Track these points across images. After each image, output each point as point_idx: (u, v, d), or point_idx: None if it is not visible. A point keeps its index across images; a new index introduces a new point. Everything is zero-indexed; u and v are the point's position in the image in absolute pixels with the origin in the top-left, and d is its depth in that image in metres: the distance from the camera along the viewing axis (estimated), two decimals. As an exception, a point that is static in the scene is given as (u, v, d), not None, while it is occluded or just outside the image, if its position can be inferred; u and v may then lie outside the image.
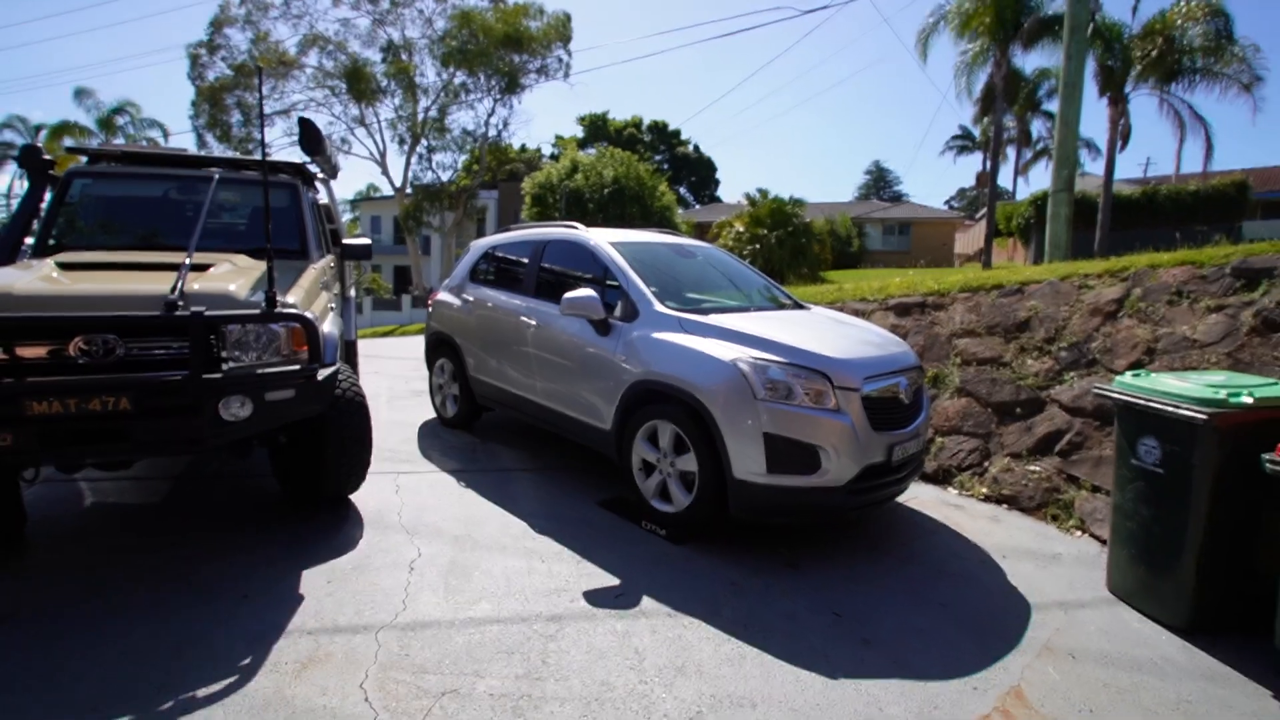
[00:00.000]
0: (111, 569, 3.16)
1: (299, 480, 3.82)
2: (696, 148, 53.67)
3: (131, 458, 3.34)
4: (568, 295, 4.00)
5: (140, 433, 2.86)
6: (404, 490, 4.25)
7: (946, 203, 56.60)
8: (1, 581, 3.05)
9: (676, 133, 52.13)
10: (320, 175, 5.33)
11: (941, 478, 4.65)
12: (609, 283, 4.22)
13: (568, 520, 3.85)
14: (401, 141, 28.39)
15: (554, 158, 34.97)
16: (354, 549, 3.42)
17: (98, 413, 2.76)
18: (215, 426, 2.95)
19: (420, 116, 28.13)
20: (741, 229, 18.96)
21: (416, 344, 13.14)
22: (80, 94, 28.57)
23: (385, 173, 29.39)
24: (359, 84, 26.40)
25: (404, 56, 27.57)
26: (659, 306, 3.89)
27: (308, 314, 3.22)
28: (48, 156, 4.19)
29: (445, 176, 28.93)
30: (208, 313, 2.92)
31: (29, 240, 4.06)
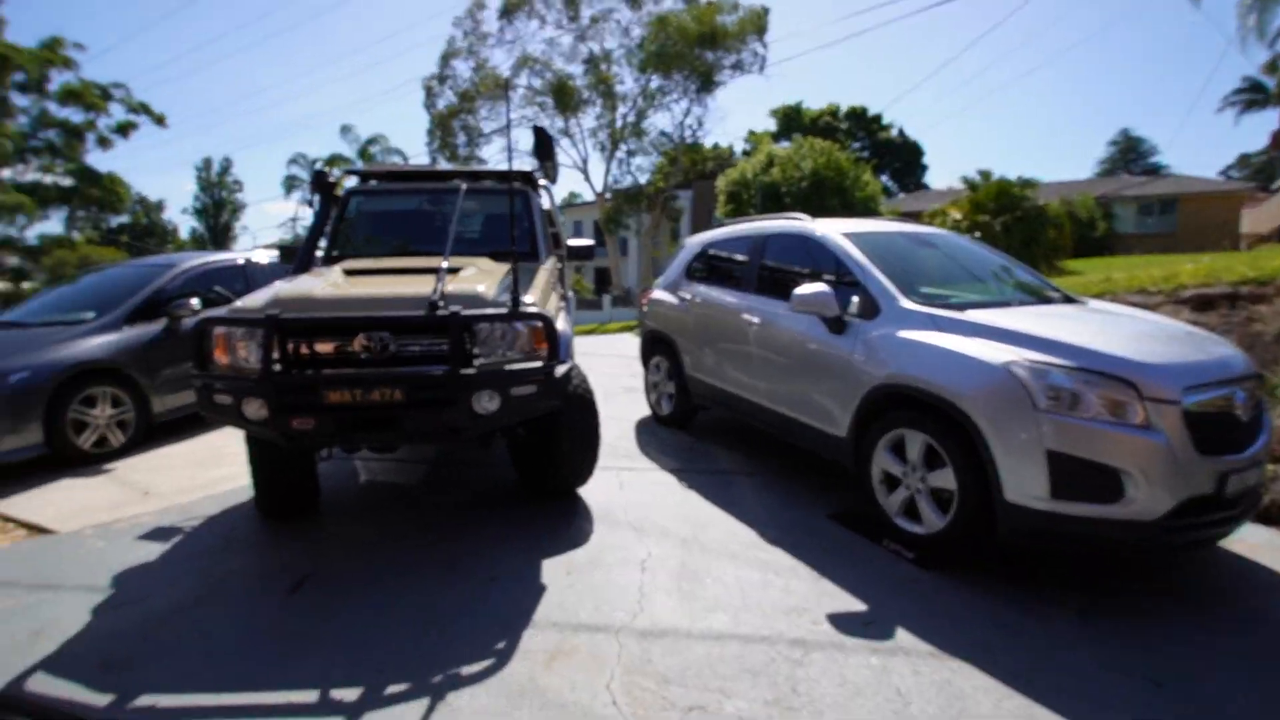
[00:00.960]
0: (382, 541, 3.54)
1: (534, 472, 4.01)
2: (901, 132, 49.95)
3: (401, 443, 3.71)
4: (798, 291, 3.75)
5: (409, 421, 3.14)
6: (627, 487, 4.30)
7: (1223, 173, 46.66)
8: (302, 545, 3.54)
9: (877, 118, 48.95)
10: (543, 181, 5.61)
11: (1277, 516, 3.67)
12: (842, 277, 3.90)
13: (797, 531, 3.61)
14: (602, 148, 29.89)
15: (746, 153, 34.57)
16: (587, 542, 3.48)
17: (376, 403, 3.07)
18: (469, 418, 3.14)
19: (619, 123, 29.43)
20: (959, 216, 17.15)
21: (620, 341, 13.73)
22: (344, 130, 33.94)
23: (587, 179, 31.20)
24: (564, 97, 28.21)
25: (603, 67, 29.02)
26: (905, 302, 3.49)
27: (547, 313, 3.33)
28: (332, 179, 4.86)
29: (643, 179, 29.90)
30: (463, 312, 3.12)
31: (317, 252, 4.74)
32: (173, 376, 5.55)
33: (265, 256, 6.90)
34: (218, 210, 43.77)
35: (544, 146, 4.09)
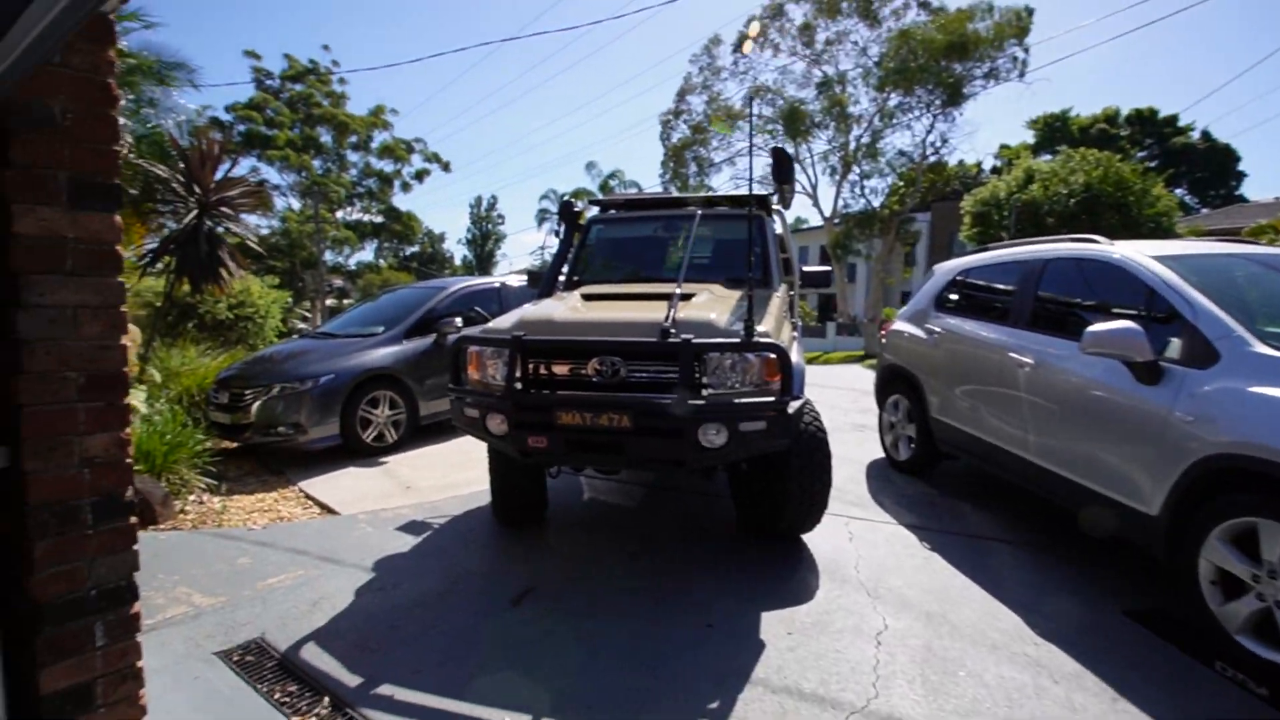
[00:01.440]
0: (599, 563, 3.53)
1: (755, 511, 3.76)
2: (1206, 135, 41.26)
3: (624, 468, 3.71)
4: (1095, 329, 3.05)
5: (634, 448, 3.09)
6: (858, 539, 3.85)
7: None
8: (527, 555, 3.67)
9: (1171, 119, 41.00)
10: (775, 205, 5.39)
11: None
12: (1155, 313, 3.10)
13: (1080, 626, 2.89)
14: (832, 172, 28.94)
15: (996, 170, 31.08)
16: (812, 599, 3.13)
17: (604, 427, 3.06)
18: (694, 451, 3.00)
19: (851, 145, 28.27)
20: (1303, 234, 13.41)
21: (846, 373, 12.94)
22: (589, 166, 37.12)
23: (816, 204, 30.35)
24: (795, 123, 27.84)
25: (837, 89, 28.15)
26: (1260, 347, 2.64)
27: (781, 344, 3.09)
28: (578, 208, 5.14)
29: (876, 202, 28.35)
30: (694, 340, 3.00)
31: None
32: (436, 385, 6.30)
33: (516, 280, 7.60)
34: (484, 240, 50.55)
35: (783, 169, 3.88)
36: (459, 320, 6.38)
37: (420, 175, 37.73)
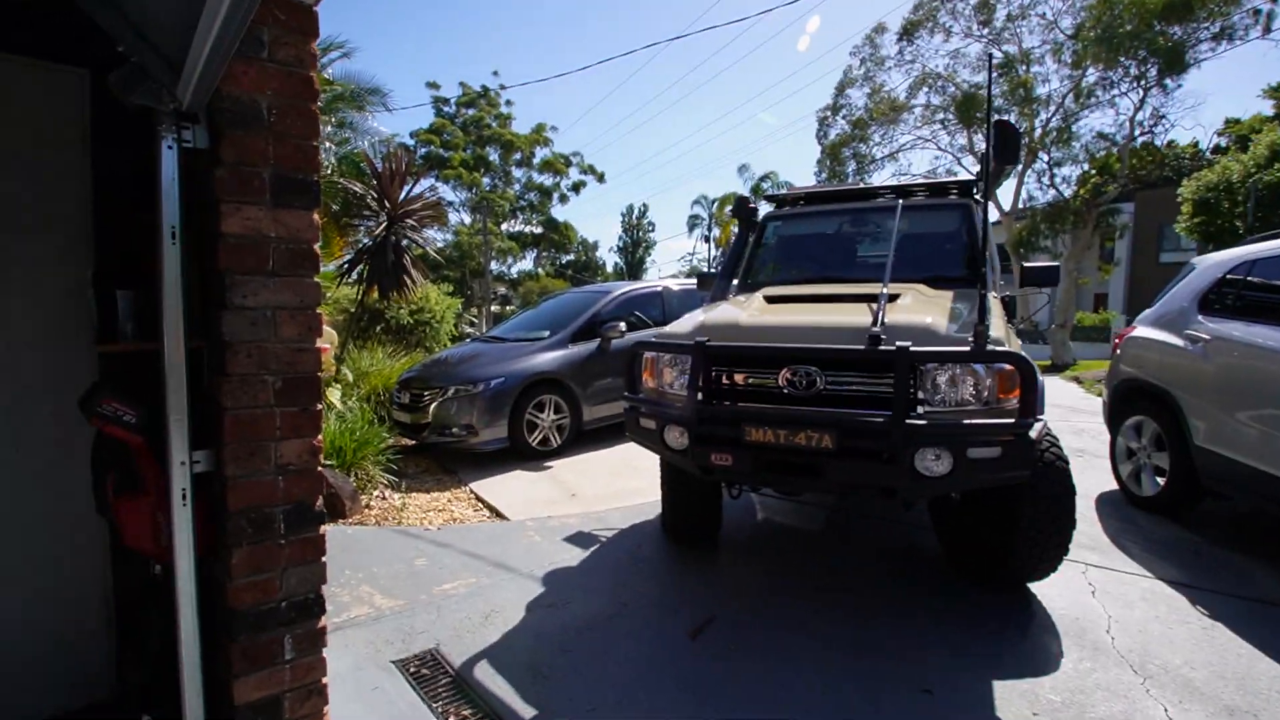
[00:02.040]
0: (782, 594, 3.13)
1: (971, 551, 3.17)
2: None
3: (820, 494, 3.30)
4: None
5: (835, 472, 2.67)
6: (1104, 595, 3.12)
7: None
8: (701, 580, 3.36)
9: None
10: (976, 195, 4.68)
11: None
12: None
13: None
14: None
15: (1220, 150, 26.40)
16: (1057, 670, 2.52)
17: (801, 447, 2.68)
18: (909, 479, 2.54)
19: (1037, 131, 25.29)
20: None
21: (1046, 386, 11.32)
22: (741, 169, 36.55)
23: (994, 199, 27.57)
24: (970, 110, 25.44)
25: (1019, 70, 25.34)
26: None
27: (1023, 354, 2.54)
28: (753, 205, 4.77)
29: (1067, 192, 25.18)
30: (913, 348, 2.53)
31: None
32: (599, 389, 6.22)
33: (679, 285, 7.40)
34: (634, 248, 51.67)
35: (1010, 145, 3.27)
36: (623, 325, 6.27)
37: (577, 187, 39.34)
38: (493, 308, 36.37)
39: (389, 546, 3.87)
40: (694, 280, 8.55)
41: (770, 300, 3.55)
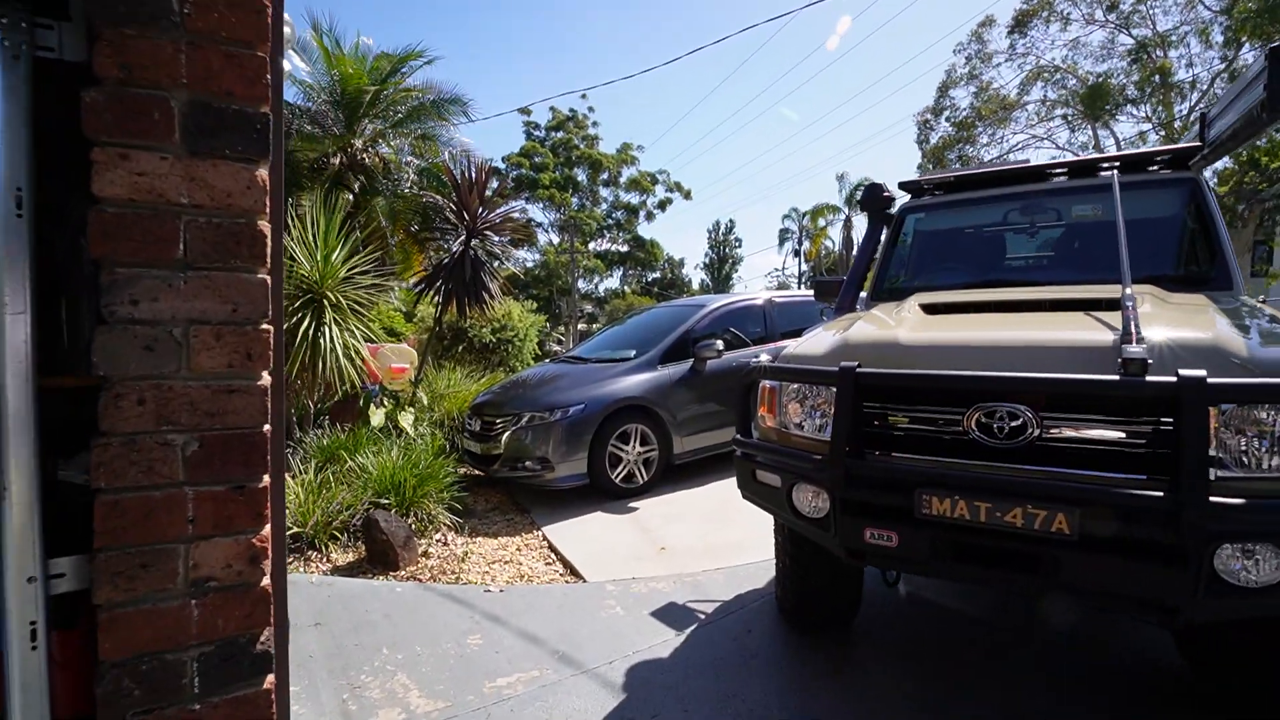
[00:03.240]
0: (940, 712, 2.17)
1: (1250, 692, 2.10)
2: None
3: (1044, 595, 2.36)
4: None
5: (1072, 571, 1.74)
6: None
7: None
8: (840, 691, 2.44)
9: None
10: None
11: None
12: None
13: None
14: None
15: None
16: None
17: (1017, 530, 1.76)
18: (1206, 590, 1.58)
19: (1177, 123, 22.52)
20: None
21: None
22: (840, 178, 34.90)
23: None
24: (1098, 102, 23.05)
25: (1156, 54, 22.73)
26: None
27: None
28: (887, 194, 3.84)
29: (1221, 189, 22.21)
30: (1213, 379, 1.58)
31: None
32: (692, 417, 5.40)
33: (783, 297, 6.49)
34: (721, 264, 50.67)
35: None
36: (719, 343, 5.43)
37: (663, 204, 38.99)
38: (579, 325, 36.38)
39: (440, 615, 3.19)
40: (798, 292, 7.63)
41: (929, 310, 2.63)
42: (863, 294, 3.76)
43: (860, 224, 36.26)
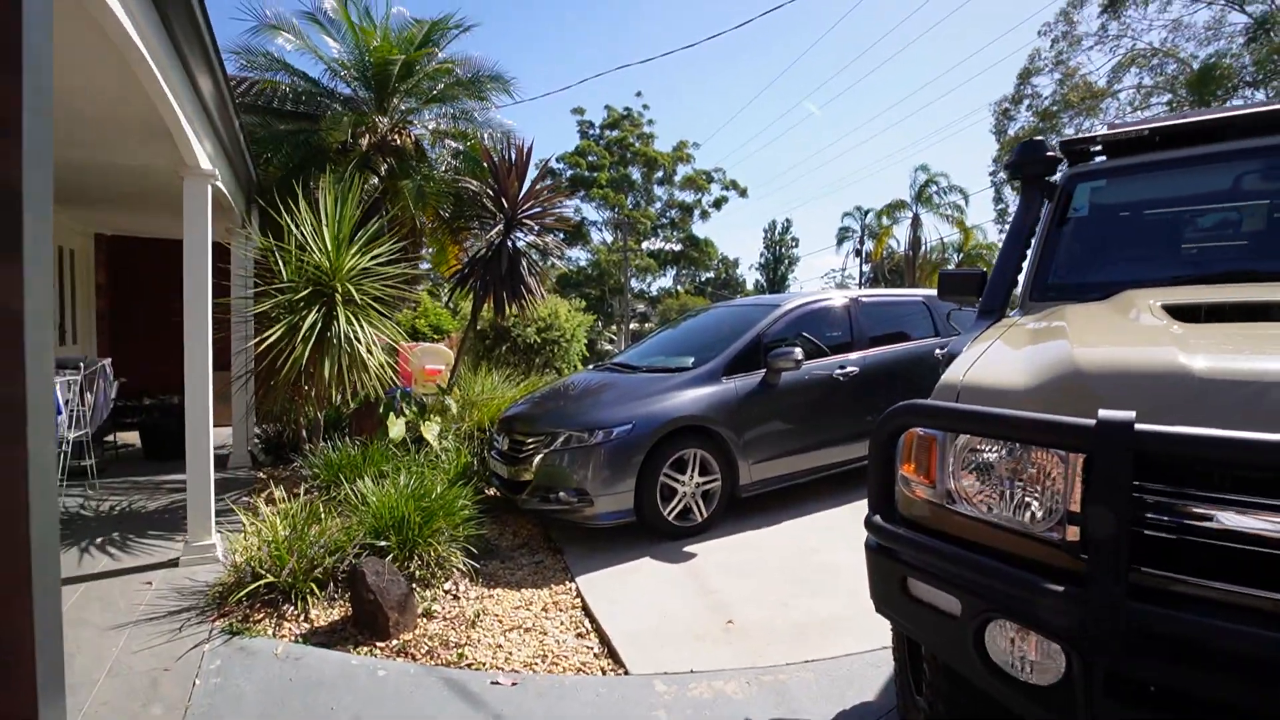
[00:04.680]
0: None
1: None
2: None
3: None
4: None
5: None
6: None
7: None
8: None
9: None
10: None
11: None
12: None
13: None
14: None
15: None
16: None
17: None
18: None
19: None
20: None
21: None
22: (921, 169, 32.90)
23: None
24: (1208, 87, 20.80)
25: (1274, 34, 20.36)
26: None
27: None
28: (1051, 153, 2.80)
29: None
30: None
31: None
32: (762, 441, 4.43)
33: (868, 295, 5.44)
34: (776, 264, 49.08)
35: None
36: (799, 351, 4.42)
37: (719, 203, 37.97)
38: (630, 325, 35.61)
39: (429, 716, 2.33)
40: (887, 290, 6.56)
41: (1180, 314, 1.62)
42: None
43: (932, 223, 34.34)
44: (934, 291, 6.22)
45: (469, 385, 6.90)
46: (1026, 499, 1.39)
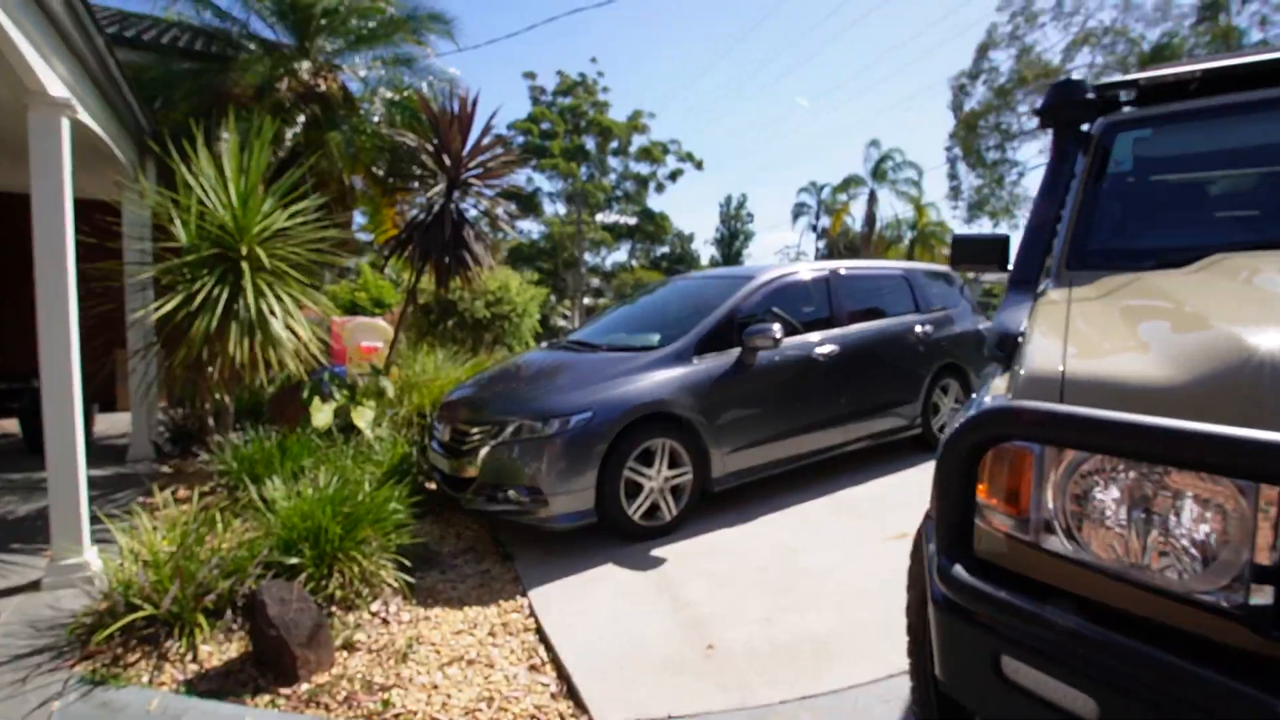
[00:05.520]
0: None
1: None
2: None
3: None
4: None
5: None
6: None
7: None
8: None
9: None
10: None
11: None
12: None
13: None
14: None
15: None
16: None
17: None
18: None
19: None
20: None
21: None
22: (872, 144, 32.81)
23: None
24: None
25: (1222, 18, 20.83)
26: None
27: None
28: (1089, 94, 2.37)
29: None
30: None
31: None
32: (737, 428, 4.00)
33: (850, 267, 5.02)
34: (732, 240, 48.83)
35: None
36: (777, 328, 3.97)
37: (675, 175, 37.37)
38: (585, 300, 34.88)
39: (336, 808, 1.82)
40: (870, 262, 6.20)
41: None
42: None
43: (887, 200, 34.43)
44: (912, 264, 5.89)
45: (409, 364, 6.26)
46: (1177, 541, 0.96)
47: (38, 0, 2.63)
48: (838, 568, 3.27)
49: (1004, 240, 2.39)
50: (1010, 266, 2.22)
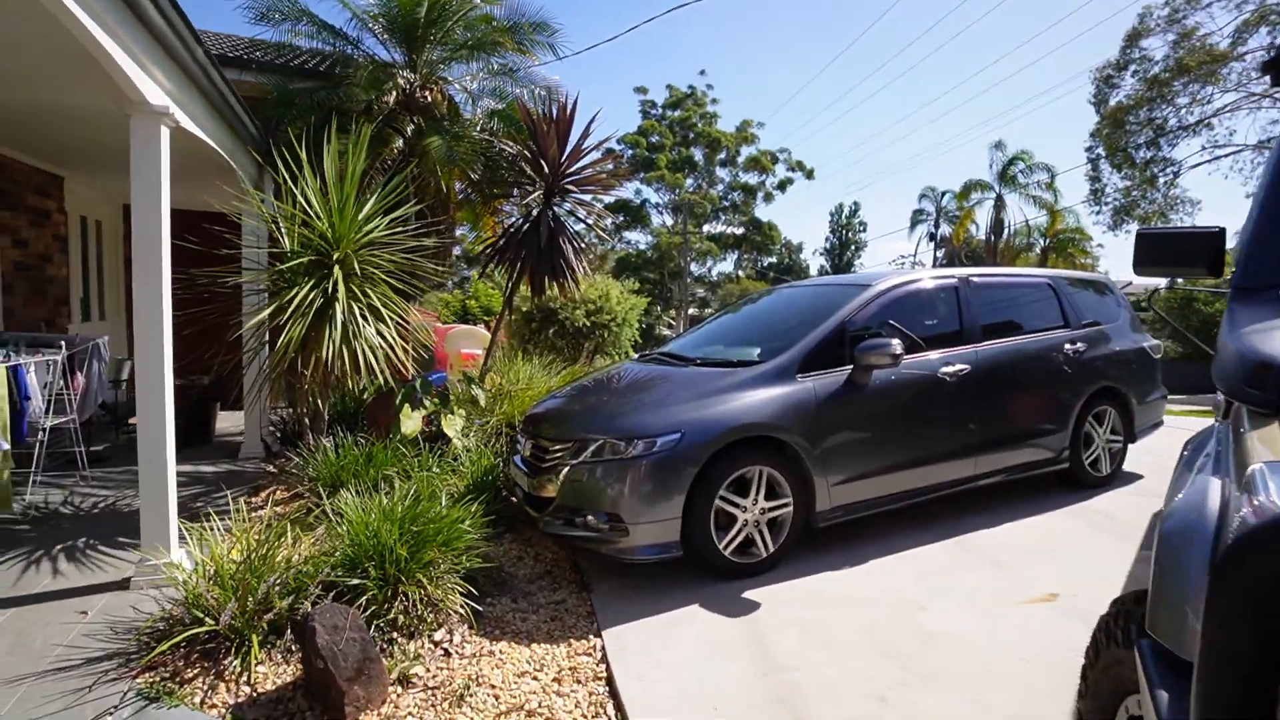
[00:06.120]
0: None
1: None
2: None
3: None
4: None
5: None
6: None
7: None
8: None
9: None
10: None
11: None
12: None
13: None
14: None
15: None
16: None
17: None
18: None
19: None
20: None
21: None
22: (996, 146, 30.43)
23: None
24: (1359, 46, 18.08)
25: None
26: None
27: None
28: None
29: None
30: None
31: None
32: (847, 456, 3.51)
33: (981, 275, 4.37)
34: (842, 249, 46.92)
35: None
36: (897, 343, 3.44)
37: (783, 185, 36.50)
38: (690, 310, 34.63)
39: None
40: (1005, 269, 5.50)
41: None
42: None
43: (1014, 205, 31.71)
44: (1058, 271, 5.11)
45: (504, 372, 6.19)
46: None
47: (134, 11, 2.66)
48: (969, 634, 2.72)
49: (1217, 234, 1.82)
50: (1234, 268, 1.66)
